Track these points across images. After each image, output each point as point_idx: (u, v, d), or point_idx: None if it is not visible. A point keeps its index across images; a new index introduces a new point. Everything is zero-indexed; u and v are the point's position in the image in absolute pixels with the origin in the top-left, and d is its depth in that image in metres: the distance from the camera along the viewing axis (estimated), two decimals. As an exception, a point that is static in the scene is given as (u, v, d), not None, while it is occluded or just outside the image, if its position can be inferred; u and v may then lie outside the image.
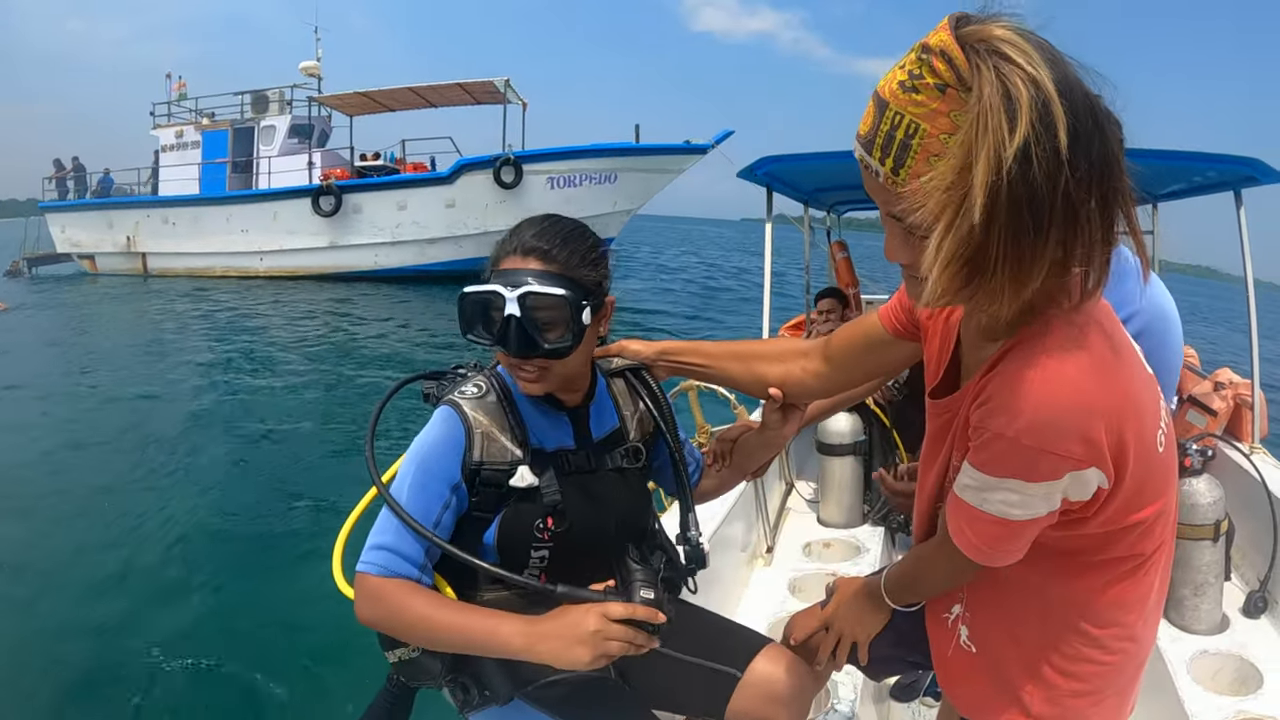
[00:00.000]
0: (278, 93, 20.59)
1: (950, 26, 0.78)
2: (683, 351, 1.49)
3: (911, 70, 0.79)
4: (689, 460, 1.55)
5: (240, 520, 5.16)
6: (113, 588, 4.28)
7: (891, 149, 0.81)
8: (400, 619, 1.17)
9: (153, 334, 12.92)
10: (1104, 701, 1.11)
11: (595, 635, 1.10)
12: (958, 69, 0.76)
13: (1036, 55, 0.75)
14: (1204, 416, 3.28)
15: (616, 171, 17.64)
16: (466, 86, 18.88)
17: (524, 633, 1.14)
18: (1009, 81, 0.74)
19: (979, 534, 1.00)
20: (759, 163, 3.45)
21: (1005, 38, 0.76)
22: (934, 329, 1.17)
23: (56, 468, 6.22)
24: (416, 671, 1.28)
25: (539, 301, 1.19)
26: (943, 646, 1.24)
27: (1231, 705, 2.00)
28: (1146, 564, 1.05)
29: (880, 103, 0.82)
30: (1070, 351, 0.89)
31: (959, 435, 1.03)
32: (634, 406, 1.45)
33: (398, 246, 18.54)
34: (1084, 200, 0.78)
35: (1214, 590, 2.39)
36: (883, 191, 0.86)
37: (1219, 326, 19.55)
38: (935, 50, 0.78)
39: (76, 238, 22.66)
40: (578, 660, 1.10)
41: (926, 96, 0.78)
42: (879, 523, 3.30)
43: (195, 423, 7.53)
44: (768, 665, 1.42)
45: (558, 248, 1.23)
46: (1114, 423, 0.89)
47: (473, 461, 1.24)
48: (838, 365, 1.36)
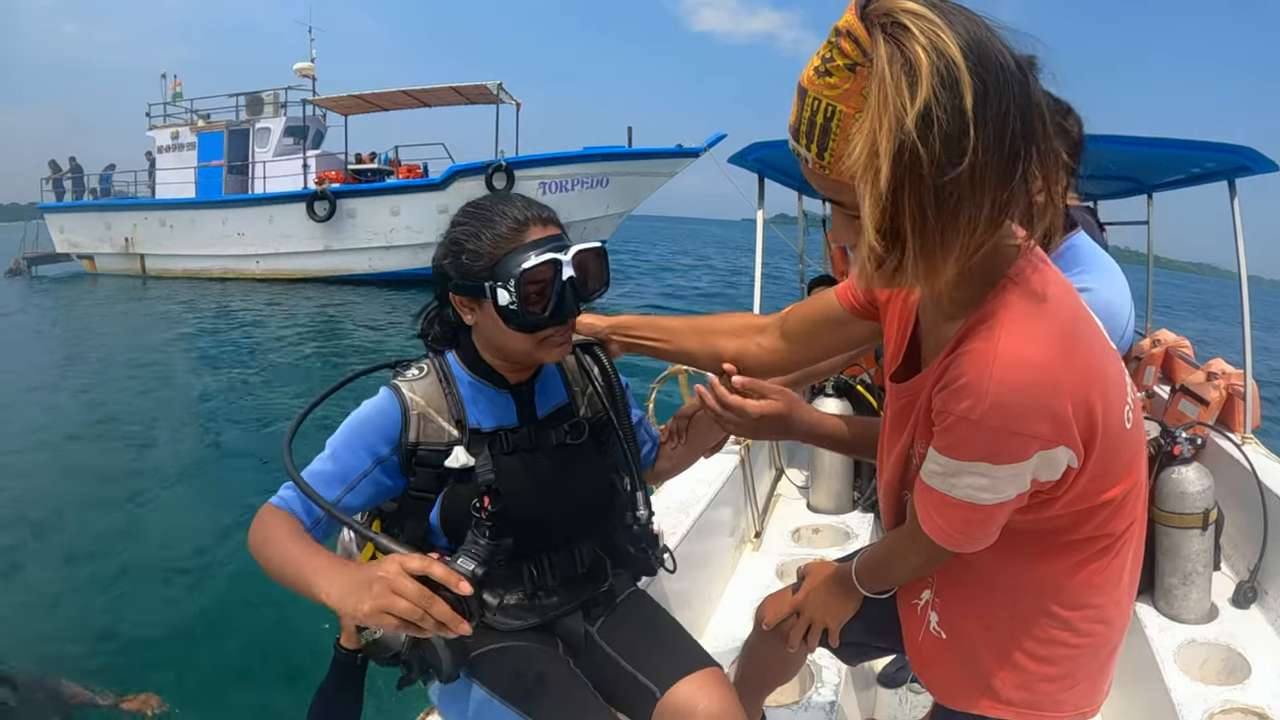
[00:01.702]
0: (272, 94, 20.55)
1: (856, 6, 0.78)
2: (638, 326, 1.46)
3: (824, 55, 0.79)
4: (645, 438, 1.52)
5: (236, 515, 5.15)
6: (113, 584, 4.35)
7: (815, 134, 0.81)
8: (266, 542, 1.14)
9: (149, 334, 12.91)
10: (1076, 685, 1.09)
11: (381, 583, 0.97)
12: (862, 46, 0.76)
13: (940, 20, 0.75)
14: (1196, 406, 3.26)
15: (608, 175, 17.68)
16: (460, 89, 18.94)
17: (328, 568, 1.05)
18: (907, 50, 0.74)
19: (948, 520, 0.98)
20: (750, 148, 3.43)
21: (907, 8, 0.75)
22: (893, 310, 1.14)
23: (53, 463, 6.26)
24: (381, 650, 1.24)
25: (587, 258, 1.26)
26: (914, 633, 1.22)
27: (1219, 695, 1.97)
28: (1117, 544, 1.03)
29: (801, 91, 0.82)
30: (1032, 326, 0.87)
31: (921, 420, 1.00)
32: (584, 383, 1.43)
33: (392, 251, 18.54)
34: (1000, 159, 0.76)
35: (1203, 580, 2.36)
36: (816, 177, 0.86)
37: (1217, 322, 19.57)
38: (843, 31, 0.77)
39: (75, 239, 22.70)
40: (356, 607, 0.98)
41: (839, 78, 0.78)
42: (868, 509, 3.27)
43: (193, 420, 7.57)
44: (691, 692, 1.29)
45: (555, 214, 1.30)
46: (1081, 398, 0.87)
47: (409, 442, 1.24)
48: (794, 341, 1.34)
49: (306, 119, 20.24)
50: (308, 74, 20.91)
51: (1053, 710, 1.09)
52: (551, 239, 1.23)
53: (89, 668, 3.49)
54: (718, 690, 1.30)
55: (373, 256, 18.91)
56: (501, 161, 17.55)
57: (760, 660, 1.46)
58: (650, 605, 1.49)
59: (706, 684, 1.31)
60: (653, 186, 18.59)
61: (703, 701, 1.28)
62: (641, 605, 1.48)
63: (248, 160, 20.27)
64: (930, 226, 0.76)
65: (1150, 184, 3.77)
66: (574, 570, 1.39)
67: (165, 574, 4.46)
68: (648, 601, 1.50)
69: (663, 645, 1.40)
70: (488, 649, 1.32)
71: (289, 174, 19.50)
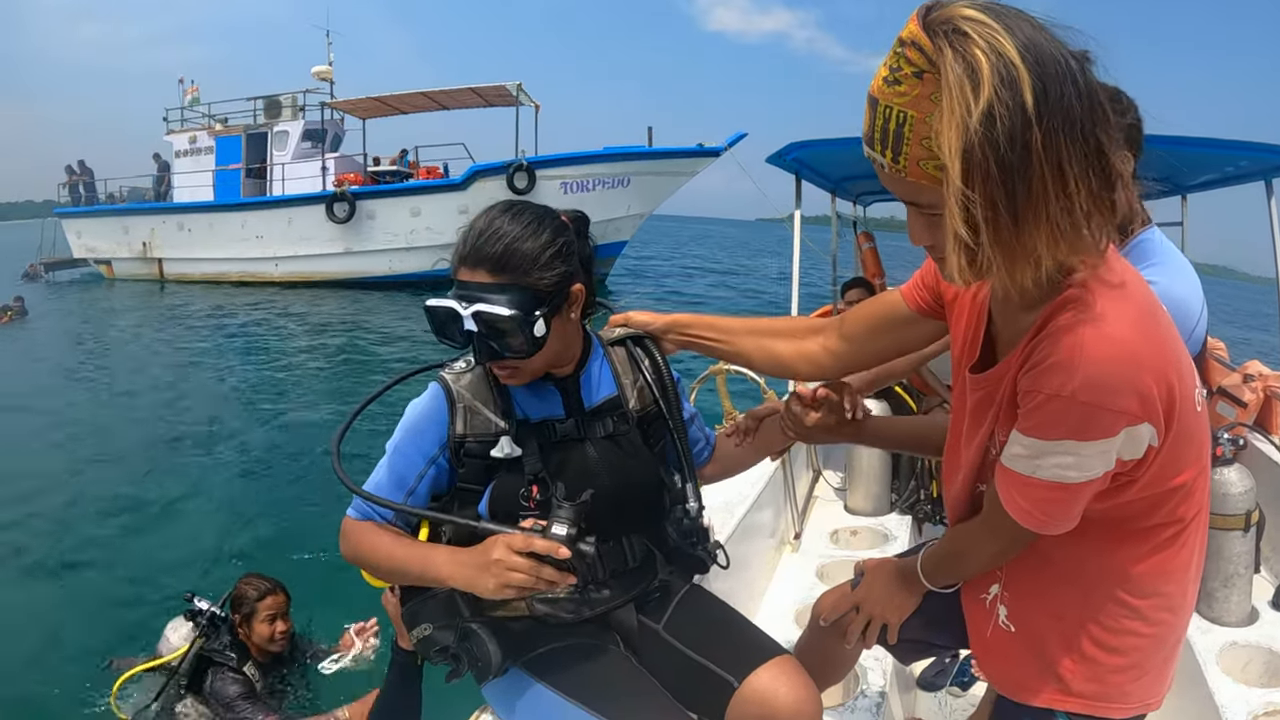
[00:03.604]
0: (290, 97, 20.61)
1: (919, 16, 0.84)
2: (694, 325, 1.47)
3: (891, 65, 0.84)
4: (698, 436, 1.54)
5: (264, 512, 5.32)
6: (126, 584, 4.48)
7: (889, 140, 0.86)
8: (367, 552, 1.28)
9: (170, 340, 13.04)
10: (1144, 677, 1.10)
11: (497, 564, 1.12)
12: (927, 54, 0.81)
13: (997, 24, 0.80)
14: (1233, 408, 3.24)
15: (629, 175, 17.64)
16: (479, 90, 18.97)
17: (449, 560, 1.20)
18: (968, 55, 0.79)
19: (1034, 501, 1.00)
20: (788, 148, 3.42)
21: (966, 15, 0.81)
22: (961, 306, 1.16)
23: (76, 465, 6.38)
24: (429, 646, 1.32)
25: (490, 319, 1.20)
26: (981, 627, 1.23)
27: (1261, 698, 1.96)
28: (1185, 532, 1.05)
29: (872, 100, 0.87)
30: (1115, 306, 0.91)
31: (1004, 408, 1.03)
32: (634, 376, 1.43)
33: (412, 252, 18.49)
34: (1066, 149, 0.80)
35: (1243, 582, 2.35)
36: (893, 181, 0.91)
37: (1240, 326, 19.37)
38: (908, 41, 0.83)
39: (92, 243, 22.76)
40: (483, 586, 1.14)
41: (907, 86, 0.83)
42: (906, 511, 3.27)
43: (217, 421, 7.65)
44: (768, 680, 1.30)
45: (510, 255, 1.22)
46: (1163, 376, 0.91)
47: (456, 434, 1.28)
48: (854, 343, 1.36)
49: (325, 122, 20.32)
50: (325, 77, 20.95)
51: (1120, 702, 1.11)
52: (472, 286, 1.22)
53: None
54: (797, 677, 1.32)
55: (393, 258, 18.88)
56: (523, 161, 17.52)
57: (810, 662, 1.46)
58: (712, 599, 1.50)
59: (784, 671, 1.32)
60: (674, 186, 18.52)
61: (783, 688, 1.29)
62: (704, 600, 1.49)
63: (266, 163, 20.31)
64: (1004, 219, 0.81)
65: (1185, 185, 3.74)
66: (624, 563, 1.39)
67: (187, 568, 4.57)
68: (708, 596, 1.51)
69: (734, 636, 1.41)
70: (550, 648, 1.33)
71: (308, 176, 19.52)
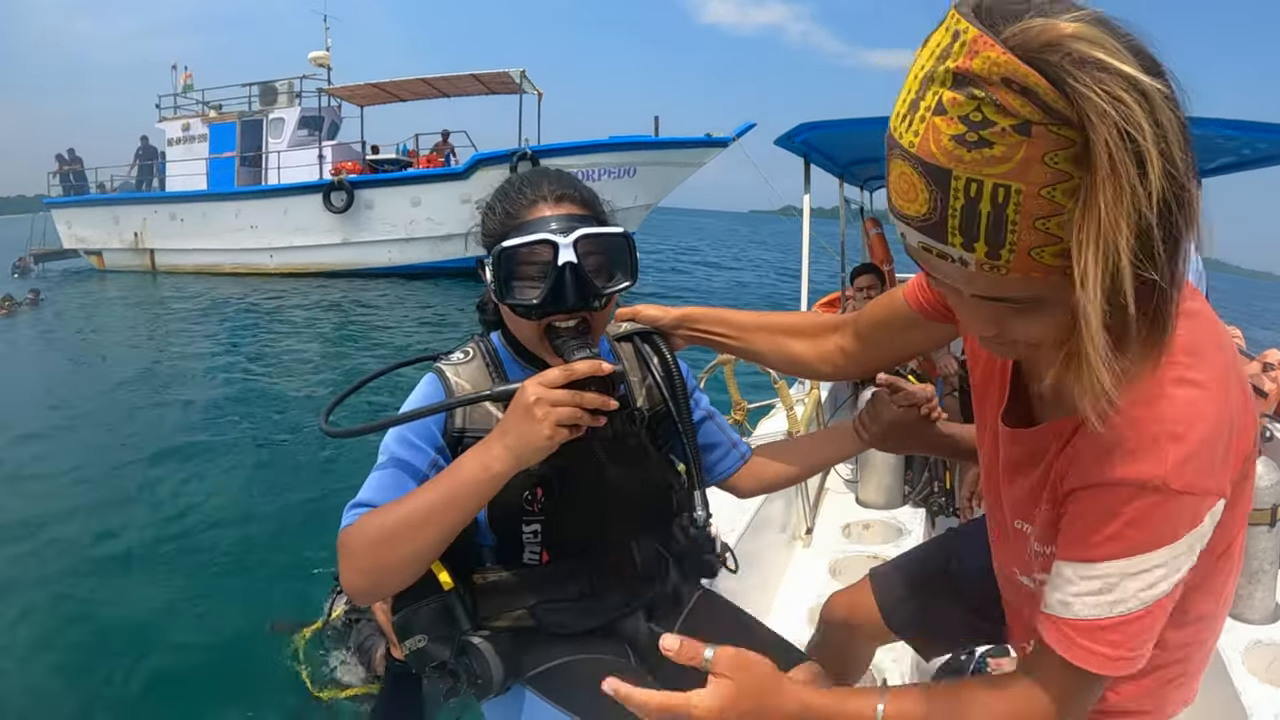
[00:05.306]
0: (286, 84, 20.29)
1: (995, 40, 0.59)
2: (705, 320, 1.39)
3: (966, 116, 0.60)
4: (721, 439, 1.45)
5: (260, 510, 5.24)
6: (121, 574, 4.42)
7: (980, 228, 0.63)
8: (375, 543, 1.04)
9: (161, 333, 12.89)
10: (1188, 683, 1.04)
11: (539, 404, 1.00)
12: (1040, 98, 0.58)
13: (1112, 42, 0.59)
14: (1255, 399, 3.19)
15: (635, 165, 17.27)
16: (480, 77, 18.69)
17: (480, 449, 1.03)
18: (1114, 96, 0.57)
19: (1118, 644, 0.81)
20: (797, 130, 3.34)
21: (1079, 33, 0.58)
22: None
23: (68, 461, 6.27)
24: (424, 661, 1.20)
25: (596, 245, 1.11)
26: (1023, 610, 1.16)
27: None
28: (1234, 544, 0.96)
29: (934, 171, 0.63)
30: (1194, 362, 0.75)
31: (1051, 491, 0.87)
32: (641, 373, 1.36)
33: (412, 243, 18.29)
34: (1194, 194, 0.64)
35: (1269, 578, 2.30)
36: (979, 279, 0.68)
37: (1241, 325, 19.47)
38: (994, 80, 0.59)
39: (83, 234, 22.38)
40: (537, 436, 0.99)
41: (1005, 147, 0.60)
42: (919, 504, 3.22)
43: (211, 417, 7.56)
44: None
45: (584, 192, 1.18)
46: (1250, 434, 0.78)
47: (455, 428, 1.18)
48: (868, 343, 1.30)
49: (322, 109, 20.04)
50: (323, 63, 20.65)
51: (1157, 712, 1.04)
52: (562, 218, 1.12)
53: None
54: (822, 685, 1.26)
55: (392, 249, 18.66)
56: (527, 150, 17.19)
57: (826, 661, 1.41)
58: (725, 605, 1.43)
59: (810, 680, 1.26)
60: (681, 177, 18.12)
61: None
62: (716, 606, 1.43)
63: (261, 151, 20.02)
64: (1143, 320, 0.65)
65: (1201, 169, 3.68)
66: (631, 568, 1.32)
67: (181, 565, 4.51)
68: (721, 601, 1.44)
69: (755, 643, 1.34)
70: (557, 663, 1.25)
71: (304, 165, 19.24)
